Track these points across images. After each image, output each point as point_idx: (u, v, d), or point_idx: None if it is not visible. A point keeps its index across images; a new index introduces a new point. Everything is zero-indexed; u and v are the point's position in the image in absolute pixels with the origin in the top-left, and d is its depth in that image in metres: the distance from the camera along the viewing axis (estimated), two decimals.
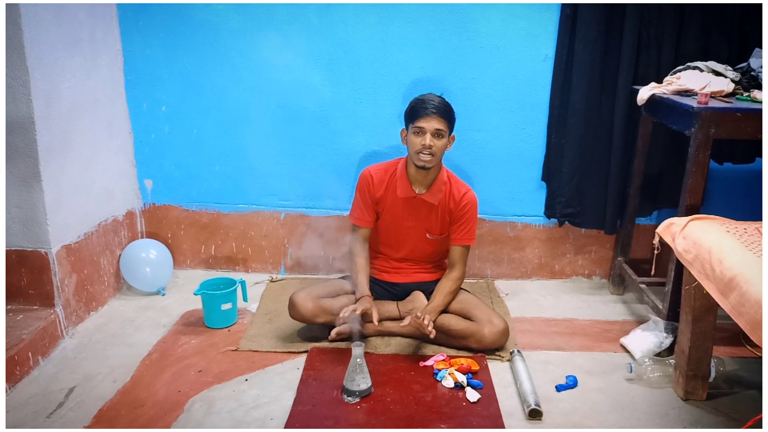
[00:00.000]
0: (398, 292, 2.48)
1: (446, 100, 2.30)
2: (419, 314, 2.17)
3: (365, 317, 2.26)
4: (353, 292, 2.38)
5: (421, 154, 2.25)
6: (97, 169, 2.60)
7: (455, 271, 2.41)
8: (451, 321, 2.30)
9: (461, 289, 2.48)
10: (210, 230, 2.98)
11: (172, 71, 2.77)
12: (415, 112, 2.26)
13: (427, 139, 2.22)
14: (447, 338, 2.30)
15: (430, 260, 2.53)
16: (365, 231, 2.46)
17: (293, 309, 2.33)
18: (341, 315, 2.20)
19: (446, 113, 2.26)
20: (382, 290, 2.47)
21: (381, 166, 2.45)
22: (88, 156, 2.52)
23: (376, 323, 2.25)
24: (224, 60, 2.75)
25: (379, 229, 2.50)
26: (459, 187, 2.42)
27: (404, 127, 2.35)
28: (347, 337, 2.32)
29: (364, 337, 2.30)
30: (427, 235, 2.45)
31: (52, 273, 2.30)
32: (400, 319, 2.34)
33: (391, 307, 2.41)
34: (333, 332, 2.31)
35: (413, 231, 2.44)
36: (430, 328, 2.14)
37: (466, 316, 2.31)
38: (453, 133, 2.34)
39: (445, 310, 2.35)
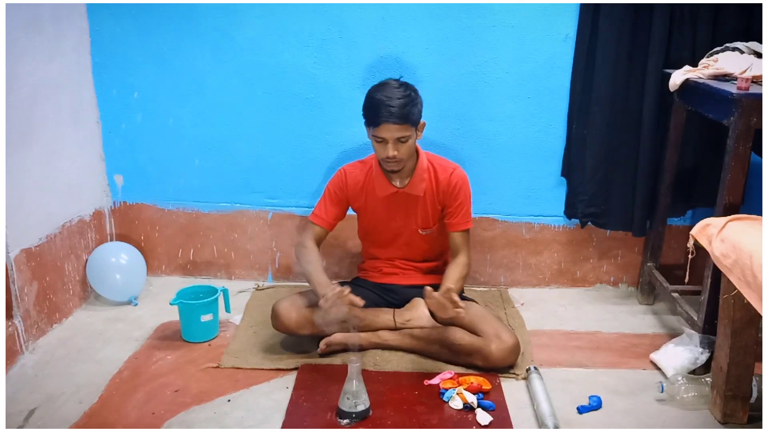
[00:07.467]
0: (395, 299, 2.48)
1: (406, 87, 2.25)
2: (448, 287, 2.13)
3: (353, 320, 2.26)
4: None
5: (387, 163, 2.29)
6: (61, 164, 2.60)
7: (461, 256, 2.43)
8: (456, 334, 2.30)
9: (469, 299, 2.49)
10: (188, 232, 2.98)
11: (145, 53, 2.77)
12: (371, 118, 2.24)
13: (390, 151, 2.24)
14: (451, 354, 2.31)
15: (427, 257, 2.55)
16: (321, 232, 2.45)
17: (276, 319, 2.35)
18: (321, 303, 2.14)
19: (406, 115, 2.21)
20: (376, 296, 2.46)
21: (357, 165, 2.48)
22: (51, 149, 2.52)
23: (360, 303, 2.17)
24: (205, 41, 2.74)
25: (366, 231, 2.54)
26: (444, 168, 2.42)
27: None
28: (341, 350, 2.33)
29: (360, 348, 2.31)
30: (420, 231, 2.47)
31: (9, 280, 2.29)
32: (396, 329, 2.36)
33: (386, 317, 2.40)
34: (322, 343, 2.31)
35: (405, 229, 2.47)
36: (458, 301, 2.10)
37: (472, 330, 2.31)
38: (422, 120, 2.31)
39: (450, 323, 2.35)
